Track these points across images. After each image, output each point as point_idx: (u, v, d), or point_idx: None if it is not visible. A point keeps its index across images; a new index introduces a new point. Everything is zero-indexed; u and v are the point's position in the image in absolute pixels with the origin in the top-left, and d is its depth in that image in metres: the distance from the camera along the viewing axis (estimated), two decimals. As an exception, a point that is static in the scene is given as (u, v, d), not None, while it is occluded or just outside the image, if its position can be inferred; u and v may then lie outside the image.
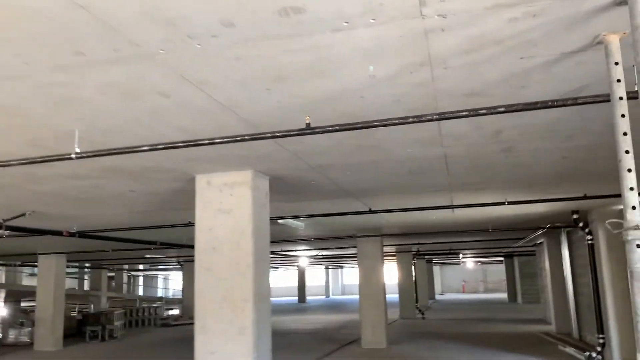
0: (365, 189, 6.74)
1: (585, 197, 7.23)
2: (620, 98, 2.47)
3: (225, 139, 3.45)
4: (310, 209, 8.26)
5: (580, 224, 9.94)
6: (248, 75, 2.90)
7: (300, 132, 3.37)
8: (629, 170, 2.40)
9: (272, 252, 18.39)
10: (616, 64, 2.51)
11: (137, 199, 6.82)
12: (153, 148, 3.59)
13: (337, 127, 3.29)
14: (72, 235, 8.85)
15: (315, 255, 23.27)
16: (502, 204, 7.12)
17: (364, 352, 12.76)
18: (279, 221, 9.33)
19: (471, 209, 9.28)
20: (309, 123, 3.33)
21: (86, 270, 27.29)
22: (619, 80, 2.49)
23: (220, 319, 5.17)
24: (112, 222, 8.67)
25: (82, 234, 8.95)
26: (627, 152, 2.42)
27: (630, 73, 2.62)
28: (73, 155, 3.70)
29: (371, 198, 7.44)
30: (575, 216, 9.81)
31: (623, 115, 2.46)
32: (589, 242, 10.05)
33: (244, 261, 5.19)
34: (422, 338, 14.87)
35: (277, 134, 3.38)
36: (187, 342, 16.41)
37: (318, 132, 3.33)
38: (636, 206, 2.38)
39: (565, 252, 13.76)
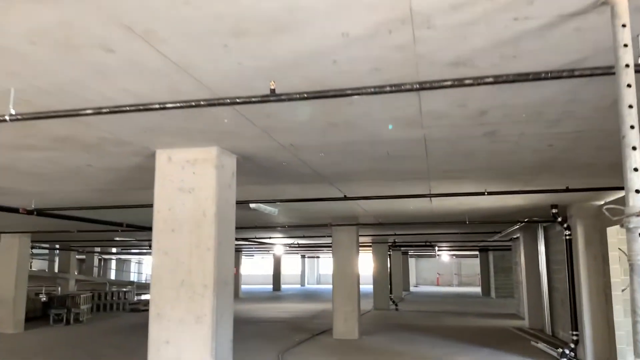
0: (340, 173, 6.39)
1: (567, 190, 7.00)
2: (627, 65, 2.15)
3: (178, 104, 3.06)
4: (283, 194, 7.89)
5: (559, 219, 9.76)
6: (201, 26, 2.51)
7: (264, 99, 2.99)
8: (634, 149, 2.08)
9: (246, 239, 17.99)
10: (623, 26, 2.18)
11: (97, 175, 6.37)
12: (97, 112, 3.17)
13: (305, 95, 2.93)
14: (29, 213, 8.34)
15: (291, 244, 22.95)
16: (482, 194, 6.84)
17: (334, 342, 12.50)
18: (251, 205, 8.96)
19: (449, 199, 9.02)
20: (274, 89, 2.96)
21: (56, 251, 26.51)
22: (625, 45, 2.16)
23: (177, 305, 4.79)
24: (72, 200, 8.19)
25: (41, 212, 8.45)
26: (632, 127, 2.10)
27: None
28: (7, 117, 3.27)
29: (346, 184, 7.10)
30: (554, 210, 9.63)
31: (629, 85, 2.13)
32: (567, 237, 9.88)
33: (205, 244, 4.80)
34: (395, 330, 14.68)
35: (237, 100, 3.00)
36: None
37: (284, 100, 2.96)
38: (640, 189, 2.07)
39: (542, 248, 13.66)
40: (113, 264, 41.06)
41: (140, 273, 44.46)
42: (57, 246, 24.04)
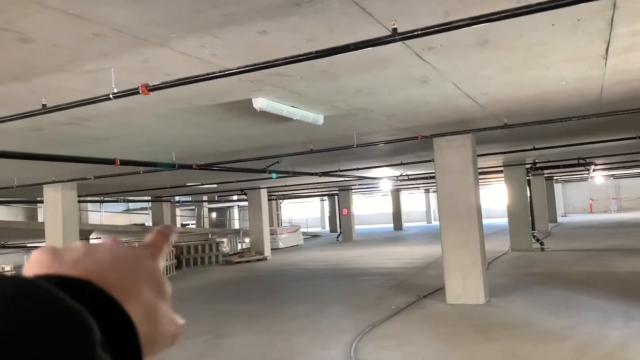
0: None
1: None
2: None
3: None
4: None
5: None
6: None
7: None
8: None
9: (325, 173, 14.07)
10: None
11: None
12: None
13: None
14: None
15: (399, 176, 18.78)
16: None
17: (447, 311, 8.42)
18: (256, 105, 5.02)
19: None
20: None
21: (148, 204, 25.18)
22: None
23: None
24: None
25: None
26: None
27: None
28: None
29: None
30: None
31: None
32: None
33: None
34: (541, 284, 10.12)
35: None
36: (227, 287, 12.99)
37: None
38: None
39: None
40: (235, 213, 39.80)
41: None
42: (148, 198, 22.41)
